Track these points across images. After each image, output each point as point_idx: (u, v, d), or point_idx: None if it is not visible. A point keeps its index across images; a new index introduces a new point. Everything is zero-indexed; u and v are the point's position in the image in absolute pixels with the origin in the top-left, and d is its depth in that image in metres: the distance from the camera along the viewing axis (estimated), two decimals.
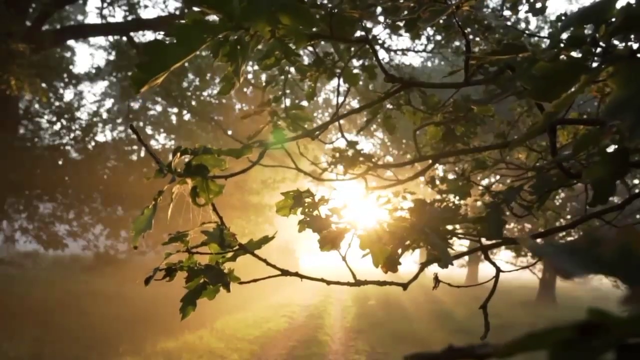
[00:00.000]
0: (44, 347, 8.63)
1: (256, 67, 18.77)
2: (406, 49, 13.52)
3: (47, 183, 14.55)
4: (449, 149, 2.40)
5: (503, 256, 26.39)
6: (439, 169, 5.63)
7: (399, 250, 1.12)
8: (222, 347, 10.34)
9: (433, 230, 1.10)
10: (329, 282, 1.11)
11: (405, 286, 1.16)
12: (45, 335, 9.36)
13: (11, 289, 12.12)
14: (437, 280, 1.22)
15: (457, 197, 1.82)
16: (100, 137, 20.65)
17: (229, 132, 17.01)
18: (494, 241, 1.31)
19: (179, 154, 0.94)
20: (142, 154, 18.50)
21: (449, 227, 1.39)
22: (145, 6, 25.83)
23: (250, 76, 18.14)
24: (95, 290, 13.62)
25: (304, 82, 2.43)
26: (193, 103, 18.81)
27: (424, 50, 14.96)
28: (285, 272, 1.10)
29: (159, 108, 23.46)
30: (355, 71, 2.56)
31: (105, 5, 15.57)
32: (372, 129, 23.26)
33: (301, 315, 15.45)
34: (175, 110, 21.21)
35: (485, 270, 32.29)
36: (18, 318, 9.98)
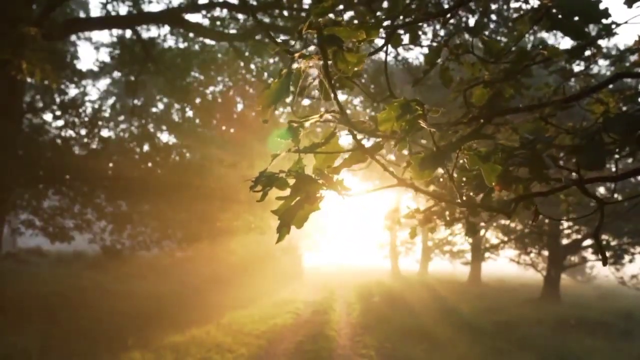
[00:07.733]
0: (51, 340, 8.54)
1: (258, 65, 18.67)
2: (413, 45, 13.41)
3: (52, 177, 14.46)
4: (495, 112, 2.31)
5: (507, 254, 26.33)
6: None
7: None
8: (230, 341, 10.23)
9: (542, 151, 1.02)
10: (441, 200, 1.01)
11: (509, 215, 1.08)
12: (53, 329, 9.26)
13: (18, 284, 12.03)
14: (536, 213, 1.13)
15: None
16: (104, 133, 20.55)
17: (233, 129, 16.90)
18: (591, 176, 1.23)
19: (306, 25, 0.85)
20: (145, 149, 18.42)
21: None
22: (150, 1, 25.77)
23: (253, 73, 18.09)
24: (100, 285, 13.53)
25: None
26: (197, 100, 18.75)
27: (429, 46, 14.87)
28: (402, 182, 1.00)
29: (161, 105, 23.41)
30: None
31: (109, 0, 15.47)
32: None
33: (306, 312, 15.36)
34: (178, 106, 21.14)
35: (486, 270, 32.21)
36: (25, 312, 9.89)
